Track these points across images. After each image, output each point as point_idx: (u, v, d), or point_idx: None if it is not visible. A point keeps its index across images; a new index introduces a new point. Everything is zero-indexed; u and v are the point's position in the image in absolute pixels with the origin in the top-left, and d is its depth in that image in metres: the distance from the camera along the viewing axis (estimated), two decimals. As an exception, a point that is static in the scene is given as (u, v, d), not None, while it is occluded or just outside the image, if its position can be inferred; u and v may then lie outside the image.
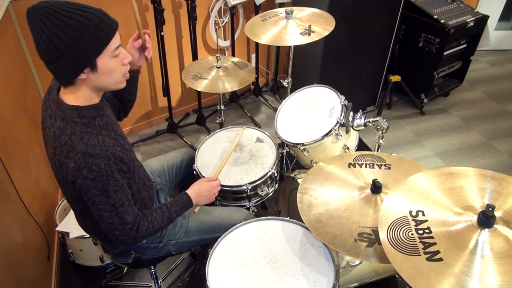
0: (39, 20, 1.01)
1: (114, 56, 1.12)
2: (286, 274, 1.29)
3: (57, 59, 1.05)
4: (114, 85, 1.19)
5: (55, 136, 1.12)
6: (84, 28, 1.03)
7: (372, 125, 1.66)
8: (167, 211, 1.36)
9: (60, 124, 1.12)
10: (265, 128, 3.06)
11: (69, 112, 1.13)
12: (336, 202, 1.34)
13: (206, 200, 1.51)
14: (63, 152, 1.10)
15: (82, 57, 1.06)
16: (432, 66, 3.07)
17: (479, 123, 3.17)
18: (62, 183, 1.19)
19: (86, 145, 1.08)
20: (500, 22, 3.99)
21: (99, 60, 1.09)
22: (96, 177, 1.09)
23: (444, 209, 1.08)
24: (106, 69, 1.11)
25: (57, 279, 2.04)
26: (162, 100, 3.01)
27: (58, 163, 1.13)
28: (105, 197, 1.13)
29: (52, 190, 2.36)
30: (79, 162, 1.07)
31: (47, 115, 1.18)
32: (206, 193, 1.50)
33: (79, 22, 1.02)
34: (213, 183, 1.54)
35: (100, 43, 1.07)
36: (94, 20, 1.04)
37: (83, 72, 1.08)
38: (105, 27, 1.07)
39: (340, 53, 2.74)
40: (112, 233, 1.21)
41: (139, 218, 1.25)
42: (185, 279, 2.04)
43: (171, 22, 2.74)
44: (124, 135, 1.29)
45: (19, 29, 2.23)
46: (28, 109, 2.17)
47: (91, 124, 1.15)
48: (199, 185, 1.51)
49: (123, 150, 1.19)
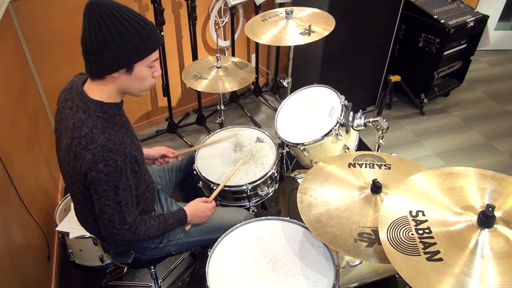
0: (99, 13, 1.07)
1: (150, 67, 1.19)
2: (286, 274, 1.29)
3: (101, 52, 1.10)
4: (139, 91, 1.24)
5: (75, 127, 1.15)
6: (136, 33, 1.10)
7: (372, 125, 1.66)
8: (164, 222, 1.38)
9: (82, 116, 1.15)
10: (265, 128, 3.06)
11: (92, 106, 1.17)
12: (336, 202, 1.34)
13: (198, 220, 1.52)
14: (81, 144, 1.12)
15: (124, 58, 1.12)
16: (432, 66, 3.07)
17: (479, 123, 3.17)
18: (72, 176, 1.20)
19: (107, 140, 1.12)
20: (500, 22, 3.99)
21: (137, 65, 1.15)
22: (111, 172, 1.12)
23: (444, 209, 1.08)
24: (139, 75, 1.18)
25: (57, 279, 2.04)
26: (162, 100, 3.01)
27: (73, 154, 1.15)
28: (113, 193, 1.15)
29: (52, 190, 2.36)
30: (97, 155, 1.10)
31: (67, 107, 1.21)
32: (200, 214, 1.51)
33: (134, 27, 1.10)
34: (209, 205, 1.54)
35: (145, 51, 1.15)
36: (147, 29, 1.13)
37: (118, 71, 1.14)
38: (153, 39, 1.15)
39: (340, 53, 2.74)
40: (109, 231, 1.22)
41: (138, 221, 1.27)
42: (185, 279, 2.04)
43: (171, 22, 2.74)
44: (137, 137, 1.32)
45: (19, 29, 2.23)
46: (28, 109, 2.17)
47: (112, 121, 1.18)
48: (195, 205, 1.52)
49: (138, 151, 1.23)
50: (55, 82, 2.43)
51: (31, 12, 2.21)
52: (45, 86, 2.46)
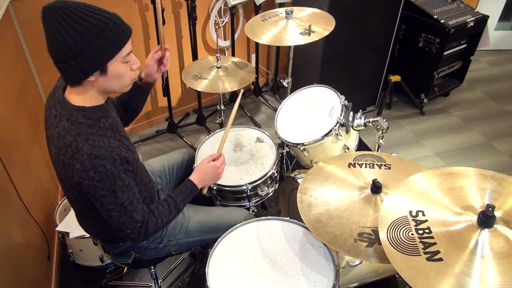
0: (55, 19, 1.01)
1: (125, 62, 1.13)
2: (286, 274, 1.29)
3: (69, 59, 1.05)
4: (121, 88, 1.20)
5: (60, 136, 1.12)
6: (99, 32, 1.03)
7: (372, 125, 1.66)
8: (173, 202, 1.34)
9: (65, 124, 1.12)
10: (265, 128, 3.06)
11: (74, 113, 1.13)
12: (336, 202, 1.34)
13: (212, 181, 1.47)
14: (67, 153, 1.10)
15: (94, 60, 1.06)
16: (432, 66, 3.07)
17: (479, 123, 3.17)
18: (66, 183, 1.19)
19: (92, 147, 1.08)
20: (500, 22, 3.98)
21: (110, 64, 1.10)
22: (103, 178, 1.09)
23: (444, 209, 1.08)
24: (115, 74, 1.13)
25: (57, 279, 2.04)
26: (162, 100, 3.01)
27: (62, 164, 1.13)
28: (113, 197, 1.13)
29: (52, 190, 2.36)
30: (85, 164, 1.07)
31: (51, 115, 1.18)
32: (210, 175, 1.46)
33: (95, 26, 1.03)
34: (216, 162, 1.47)
35: (114, 48, 1.08)
36: (110, 25, 1.05)
37: (92, 75, 1.09)
38: (120, 33, 1.08)
39: (340, 53, 2.74)
40: (123, 232, 1.21)
41: (146, 215, 1.24)
42: (185, 279, 2.04)
43: (171, 22, 2.74)
44: (128, 137, 1.29)
45: (19, 29, 2.23)
46: (28, 109, 2.17)
47: (97, 125, 1.15)
48: (201, 168, 1.46)
49: (128, 151, 1.19)
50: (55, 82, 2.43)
51: (31, 12, 2.21)
52: (45, 86, 2.46)
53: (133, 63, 1.18)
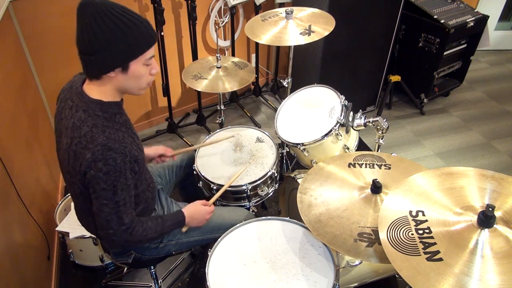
0: (91, 13, 1.06)
1: (146, 65, 1.18)
2: (286, 274, 1.29)
3: (96, 52, 1.09)
4: (137, 90, 1.23)
5: (75, 127, 1.15)
6: (130, 31, 1.09)
7: (372, 125, 1.66)
8: (162, 223, 1.35)
9: (81, 115, 1.15)
10: (265, 128, 3.06)
11: (92, 105, 1.16)
12: (336, 202, 1.34)
13: (196, 223, 1.48)
14: (81, 143, 1.12)
15: (119, 57, 1.11)
16: (432, 66, 3.07)
17: (479, 123, 3.17)
18: (72, 175, 1.20)
19: (108, 139, 1.12)
20: (500, 22, 3.98)
21: (132, 64, 1.14)
22: (110, 171, 1.12)
23: (444, 209, 1.08)
24: (135, 74, 1.17)
25: (57, 279, 2.04)
26: (162, 100, 3.01)
27: (72, 154, 1.15)
28: (112, 193, 1.15)
29: (52, 190, 2.36)
30: (97, 154, 1.10)
31: (67, 107, 1.21)
32: (199, 217, 1.48)
33: (127, 26, 1.09)
34: (208, 208, 1.51)
35: (139, 49, 1.14)
36: (141, 27, 1.12)
37: (113, 71, 1.13)
38: (148, 36, 1.14)
39: (340, 53, 2.74)
40: (105, 231, 1.21)
41: (135, 222, 1.25)
42: (185, 279, 2.04)
43: (171, 22, 2.74)
44: (138, 135, 1.31)
45: (19, 29, 2.23)
46: (28, 109, 2.17)
47: (112, 120, 1.18)
48: (195, 208, 1.48)
49: (138, 150, 1.22)
50: (55, 82, 2.42)
51: (31, 12, 2.21)
52: (45, 86, 2.46)
53: (153, 68, 1.22)
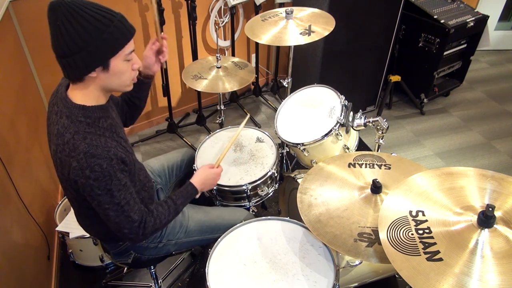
0: (62, 14, 1.04)
1: (127, 60, 1.16)
2: (286, 274, 1.29)
3: (73, 53, 1.07)
4: (121, 87, 1.22)
5: (59, 134, 1.14)
6: (104, 27, 1.06)
7: (372, 125, 1.66)
8: (173, 204, 1.36)
9: (65, 121, 1.14)
10: (265, 128, 3.06)
11: (75, 111, 1.15)
12: (336, 202, 1.34)
13: (209, 187, 1.51)
14: (64, 150, 1.11)
15: (97, 55, 1.08)
16: (432, 66, 3.07)
17: (479, 123, 3.17)
18: (63, 181, 1.20)
19: (89, 146, 1.09)
20: (500, 22, 3.99)
21: (112, 61, 1.12)
22: (99, 177, 1.10)
23: (444, 209, 1.08)
24: (117, 71, 1.14)
25: (57, 279, 2.04)
26: (162, 100, 3.01)
27: (59, 161, 1.14)
28: (109, 196, 1.14)
29: (52, 190, 2.36)
30: (81, 162, 1.08)
31: (53, 112, 1.20)
32: (210, 181, 1.50)
33: (100, 22, 1.06)
34: (217, 170, 1.53)
35: (117, 45, 1.11)
36: (115, 22, 1.08)
37: (94, 70, 1.11)
38: (124, 30, 1.11)
39: (340, 53, 2.74)
40: (121, 232, 1.22)
41: (145, 215, 1.25)
42: (185, 279, 2.04)
43: (171, 22, 2.74)
44: (126, 138, 1.30)
45: (19, 29, 2.23)
46: (28, 109, 2.17)
47: (95, 125, 1.16)
48: (204, 173, 1.50)
49: (125, 152, 1.20)
50: (55, 82, 2.39)
51: (31, 12, 2.21)
52: (45, 86, 2.46)
53: (135, 63, 1.20)
